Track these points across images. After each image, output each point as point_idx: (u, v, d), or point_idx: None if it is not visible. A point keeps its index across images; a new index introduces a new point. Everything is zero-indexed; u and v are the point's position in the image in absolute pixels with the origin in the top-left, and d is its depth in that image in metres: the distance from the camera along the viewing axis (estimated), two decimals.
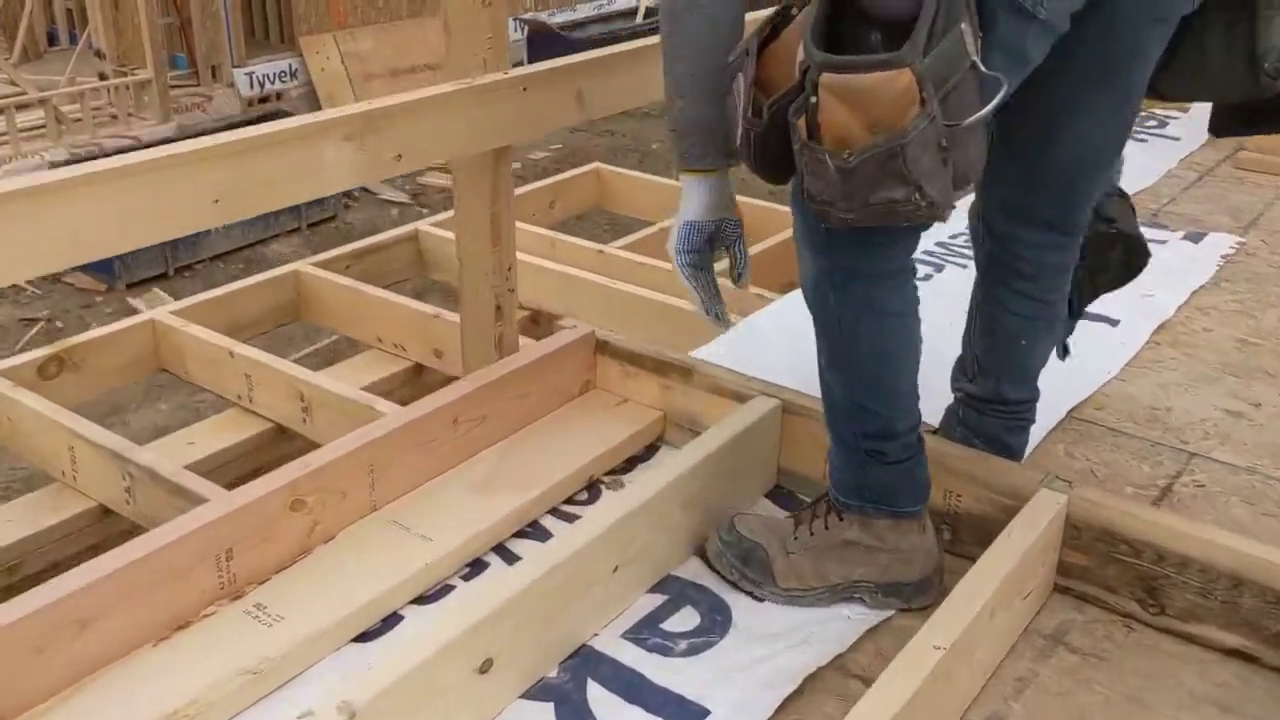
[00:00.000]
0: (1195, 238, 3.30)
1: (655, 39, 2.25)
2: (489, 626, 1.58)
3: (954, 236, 3.20)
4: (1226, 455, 2.28)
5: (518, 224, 2.32)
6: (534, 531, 2.06)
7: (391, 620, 1.84)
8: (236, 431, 3.12)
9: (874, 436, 1.82)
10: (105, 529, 2.91)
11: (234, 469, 3.10)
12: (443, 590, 1.92)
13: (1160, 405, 2.47)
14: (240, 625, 1.76)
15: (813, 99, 1.43)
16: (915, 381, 1.82)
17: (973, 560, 1.95)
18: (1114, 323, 2.80)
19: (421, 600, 1.89)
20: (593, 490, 2.18)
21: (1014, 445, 2.13)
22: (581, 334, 2.32)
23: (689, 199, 1.82)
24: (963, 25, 1.41)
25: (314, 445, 3.22)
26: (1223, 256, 3.17)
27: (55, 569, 2.86)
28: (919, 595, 1.86)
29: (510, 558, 2.00)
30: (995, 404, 2.13)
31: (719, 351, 2.66)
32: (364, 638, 1.80)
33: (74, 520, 2.82)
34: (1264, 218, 3.47)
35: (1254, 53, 1.72)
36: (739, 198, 1.91)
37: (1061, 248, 1.98)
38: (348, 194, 7.21)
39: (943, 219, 1.50)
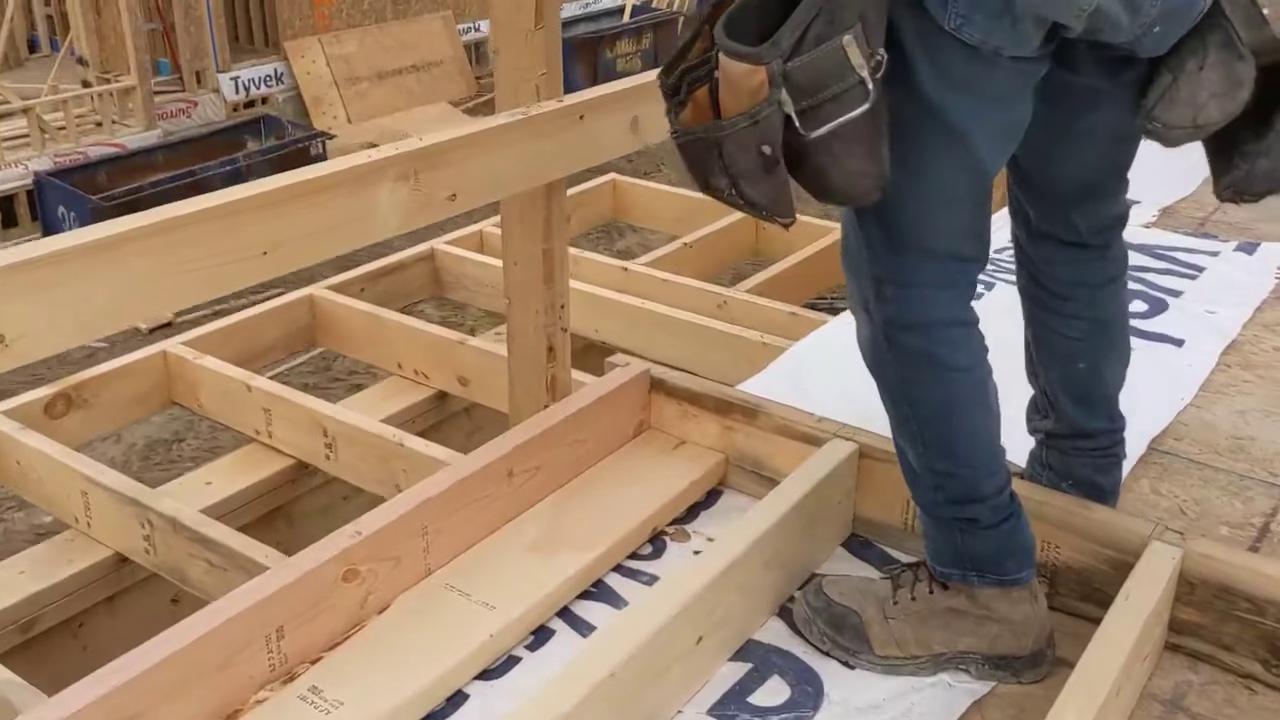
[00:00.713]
0: (1249, 249, 3.18)
1: None
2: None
3: (999, 251, 3.07)
4: None
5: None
6: (599, 592, 1.92)
7: (456, 699, 1.70)
8: (256, 469, 2.99)
9: (960, 502, 1.68)
10: (122, 578, 2.77)
11: (255, 509, 2.96)
12: (508, 662, 1.78)
13: (1242, 435, 2.34)
14: (296, 713, 1.62)
15: (716, 74, 1.44)
16: (995, 439, 1.69)
17: (1072, 615, 1.85)
18: (1179, 343, 2.68)
19: (486, 675, 1.75)
20: (656, 542, 2.04)
21: (1105, 485, 1.99)
22: (636, 373, 2.18)
23: None
24: (845, 38, 1.37)
25: (338, 482, 3.10)
26: (1279, 268, 3.05)
27: (72, 624, 2.72)
28: (1030, 669, 1.72)
29: (576, 622, 1.86)
30: (1077, 439, 1.99)
31: (768, 383, 2.53)
32: None
33: (89, 571, 2.67)
34: None
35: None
36: None
37: (1082, 262, 1.85)
38: None
39: (782, 223, 1.49)
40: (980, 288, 2.81)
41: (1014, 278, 1.98)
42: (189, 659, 1.55)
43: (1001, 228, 1.88)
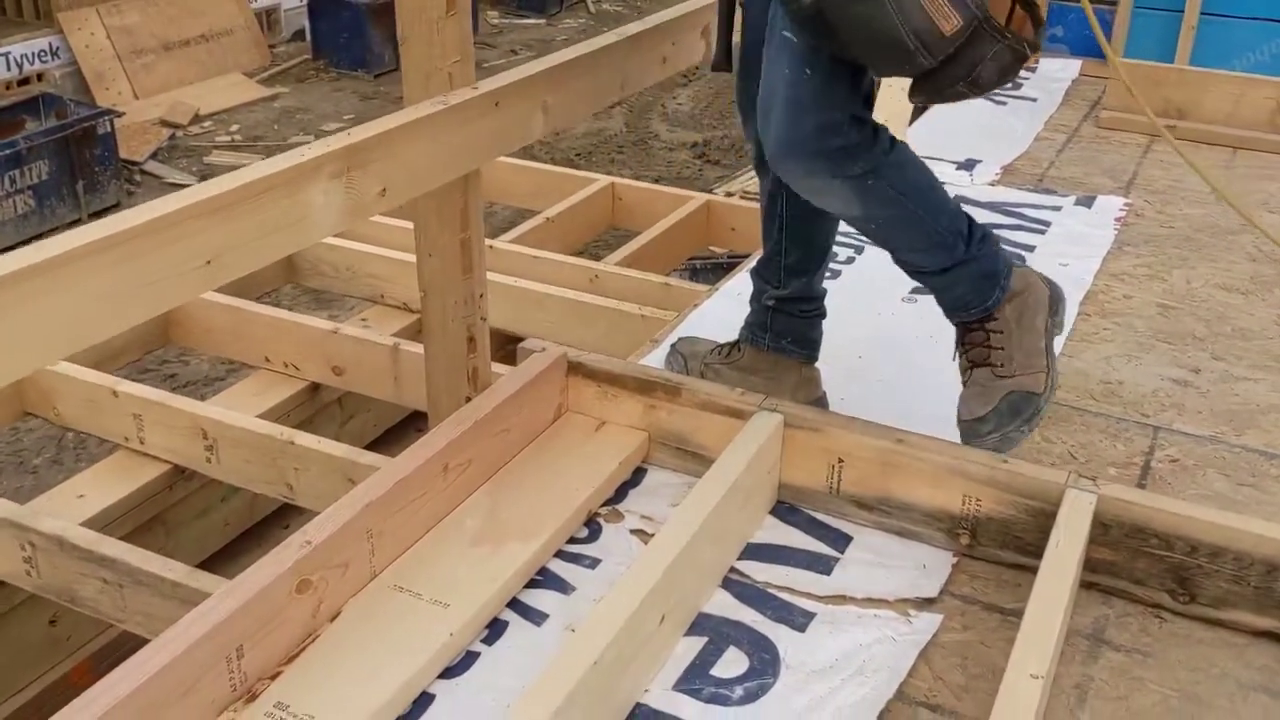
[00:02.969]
0: (1087, 202, 3.40)
1: (609, 39, 2.13)
2: (563, 715, 1.46)
3: None
4: (1188, 426, 2.36)
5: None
6: (545, 579, 1.93)
7: (423, 700, 1.69)
8: (129, 478, 2.85)
9: (972, 236, 2.03)
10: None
11: (132, 519, 2.83)
12: (467, 659, 1.77)
13: (1111, 379, 2.53)
14: None
15: None
16: None
17: (995, 563, 1.97)
18: None
19: (448, 673, 1.74)
20: (592, 525, 2.06)
21: (817, 339, 2.29)
22: (554, 357, 2.18)
23: None
24: None
25: (215, 484, 2.98)
26: (1116, 219, 3.28)
27: None
28: None
29: (527, 611, 1.86)
30: (803, 302, 2.26)
31: (661, 356, 2.57)
32: None
33: None
34: (1140, 176, 3.61)
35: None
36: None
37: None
38: (130, 179, 6.72)
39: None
40: (852, 252, 2.95)
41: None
42: (153, 691, 1.48)
43: None
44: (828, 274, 2.85)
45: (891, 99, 3.14)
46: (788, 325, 2.27)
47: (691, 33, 2.44)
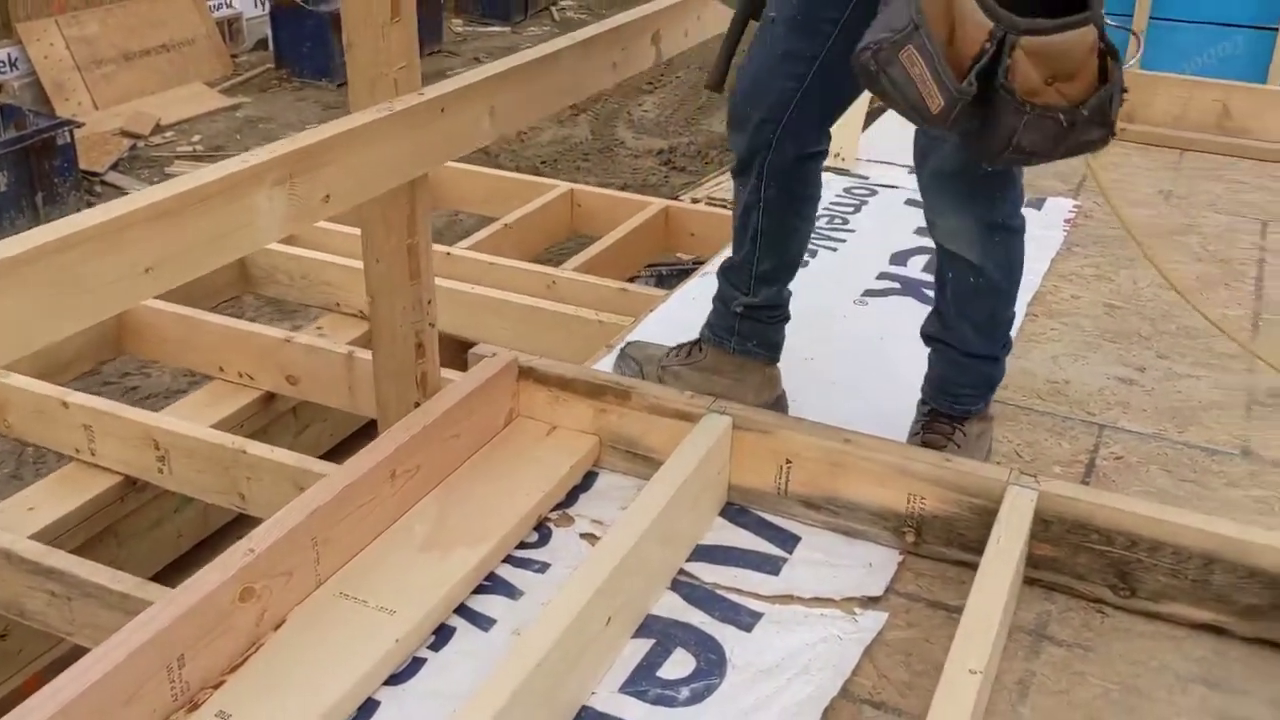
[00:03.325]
0: (1037, 204, 3.44)
1: (558, 44, 2.14)
2: (505, 717, 1.46)
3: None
4: (1132, 424, 2.39)
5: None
6: (493, 584, 1.93)
7: (368, 707, 1.69)
8: (80, 490, 2.83)
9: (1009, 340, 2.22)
10: None
11: (84, 531, 2.81)
12: (414, 665, 1.77)
13: (1057, 379, 2.55)
14: None
15: (1006, 61, 1.61)
16: None
17: (939, 560, 1.99)
18: None
19: (394, 679, 1.74)
20: (542, 530, 2.06)
21: (780, 342, 2.32)
22: (505, 362, 2.18)
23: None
24: None
25: (168, 495, 2.96)
26: (1065, 221, 3.32)
27: None
28: None
29: (475, 617, 1.86)
30: (770, 310, 2.28)
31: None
32: None
33: None
34: (1089, 179, 3.65)
35: None
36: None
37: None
38: (90, 190, 6.68)
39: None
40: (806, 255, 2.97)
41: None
42: (94, 700, 1.47)
43: None
44: None
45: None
46: (753, 330, 2.28)
47: (642, 38, 2.45)
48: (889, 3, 1.70)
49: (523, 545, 2.02)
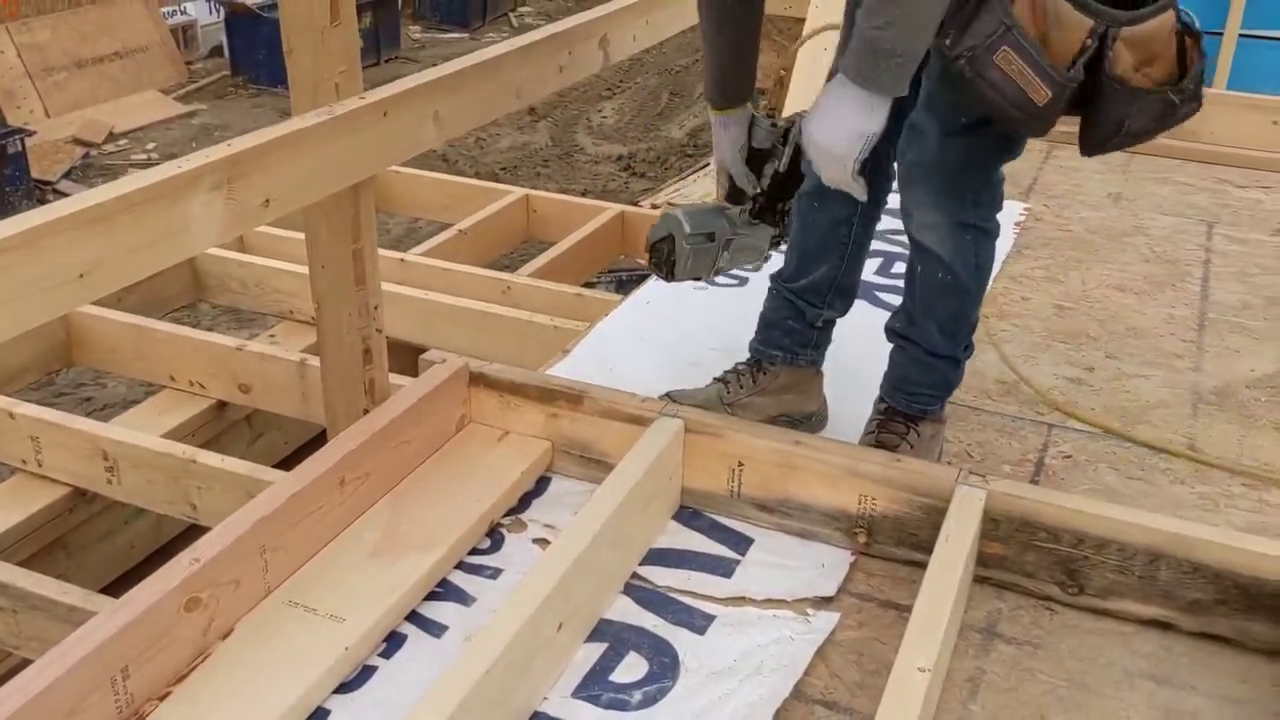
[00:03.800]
0: None
1: (502, 48, 2.13)
2: None
3: None
4: (1080, 424, 2.41)
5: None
6: (445, 591, 1.92)
7: (318, 716, 1.67)
8: (27, 502, 2.79)
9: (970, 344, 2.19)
10: None
11: (31, 544, 2.76)
12: (364, 673, 1.75)
13: (1008, 379, 2.57)
14: None
15: (1110, 54, 1.71)
16: None
17: (890, 560, 2.00)
18: None
19: (344, 688, 1.72)
20: (494, 535, 2.05)
21: None
22: (455, 368, 2.17)
23: (875, 115, 1.78)
24: None
25: (118, 506, 2.92)
26: (1016, 225, 3.35)
27: None
28: None
29: (426, 624, 1.85)
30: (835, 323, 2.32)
31: (574, 367, 2.58)
32: None
33: None
34: (1039, 182, 3.69)
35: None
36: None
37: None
38: (42, 199, 6.59)
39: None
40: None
41: None
42: (35, 712, 1.45)
43: None
44: (738, 282, 2.90)
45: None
46: (822, 339, 2.30)
47: (589, 42, 2.45)
48: (976, 16, 1.74)
49: (475, 551, 2.01)
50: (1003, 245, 3.17)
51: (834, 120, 1.79)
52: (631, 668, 1.78)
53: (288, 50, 1.88)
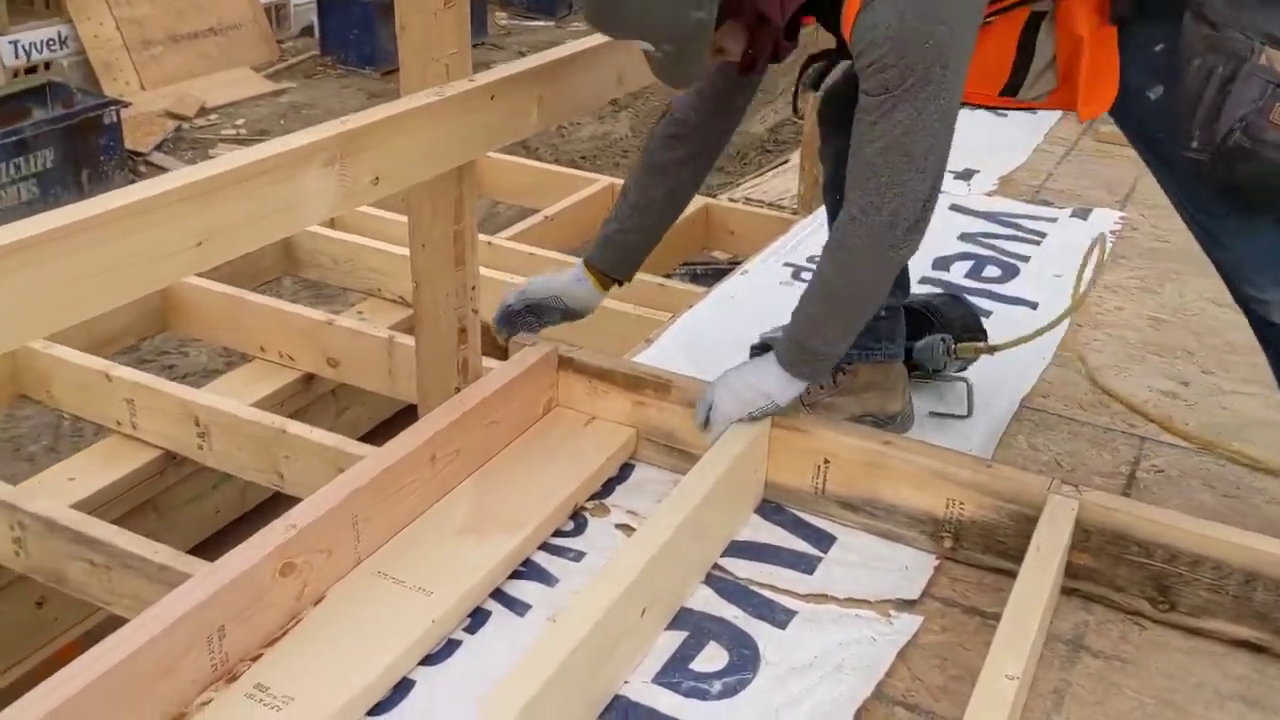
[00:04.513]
0: (1083, 214, 3.41)
1: (599, 39, 2.13)
2: (539, 703, 1.46)
3: None
4: (1174, 437, 2.37)
5: None
6: (529, 570, 1.94)
7: (403, 686, 1.70)
8: (121, 462, 2.86)
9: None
10: None
11: (123, 503, 2.84)
12: (448, 647, 1.78)
13: (1101, 387, 2.53)
14: (245, 712, 1.58)
15: None
16: None
17: (976, 567, 1.97)
18: (1033, 305, 2.87)
19: (429, 660, 1.75)
20: (578, 519, 2.07)
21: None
22: (545, 352, 2.19)
23: (788, 393, 1.97)
24: None
25: (206, 471, 2.99)
26: (1111, 232, 3.29)
27: None
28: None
29: (510, 602, 1.87)
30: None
31: (660, 356, 2.59)
32: (378, 709, 1.65)
33: None
34: (1137, 191, 3.62)
35: None
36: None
37: None
38: (134, 169, 6.74)
39: None
40: None
41: None
42: (133, 668, 1.49)
43: None
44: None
45: None
46: (891, 328, 2.26)
47: None
48: (1227, 95, 1.74)
49: (559, 533, 2.02)
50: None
51: (749, 385, 1.98)
52: (712, 657, 1.78)
53: (400, 27, 1.90)
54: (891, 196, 1.77)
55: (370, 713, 1.64)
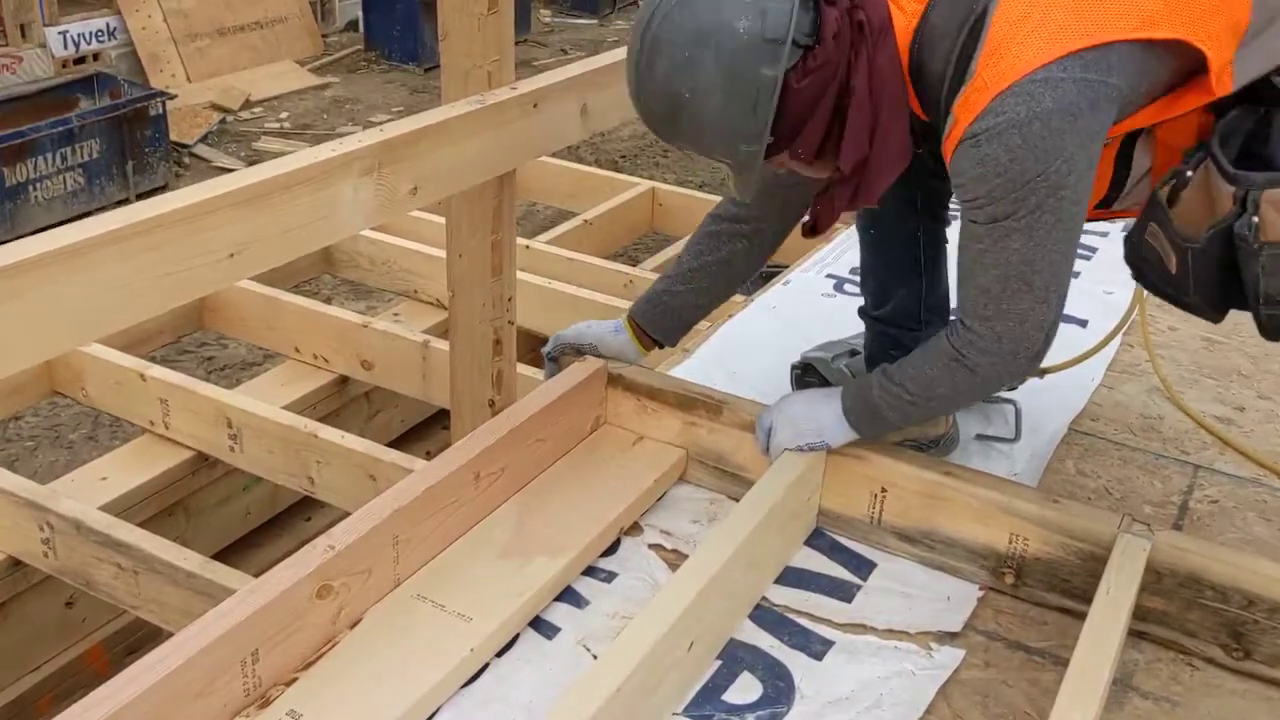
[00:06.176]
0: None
1: None
2: None
3: None
4: (1228, 466, 2.29)
5: None
6: (565, 594, 1.89)
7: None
8: (153, 463, 2.84)
9: None
10: (15, 583, 2.61)
11: (154, 504, 2.82)
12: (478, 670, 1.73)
13: (1151, 414, 2.46)
14: None
15: (1254, 218, 1.62)
16: None
17: (1038, 605, 1.90)
18: (1083, 323, 2.79)
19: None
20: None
21: None
22: (594, 368, 2.13)
23: (839, 438, 1.95)
24: None
25: (237, 473, 2.97)
26: None
27: None
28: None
29: (540, 624, 1.82)
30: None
31: (696, 368, 2.54)
32: None
33: None
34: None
35: None
36: None
37: None
38: (179, 161, 6.76)
39: None
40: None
41: None
42: (169, 689, 1.46)
43: None
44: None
45: None
46: None
47: None
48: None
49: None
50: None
51: (810, 418, 1.94)
52: (745, 689, 1.73)
53: (443, 34, 1.86)
54: (1013, 326, 1.72)
55: None
